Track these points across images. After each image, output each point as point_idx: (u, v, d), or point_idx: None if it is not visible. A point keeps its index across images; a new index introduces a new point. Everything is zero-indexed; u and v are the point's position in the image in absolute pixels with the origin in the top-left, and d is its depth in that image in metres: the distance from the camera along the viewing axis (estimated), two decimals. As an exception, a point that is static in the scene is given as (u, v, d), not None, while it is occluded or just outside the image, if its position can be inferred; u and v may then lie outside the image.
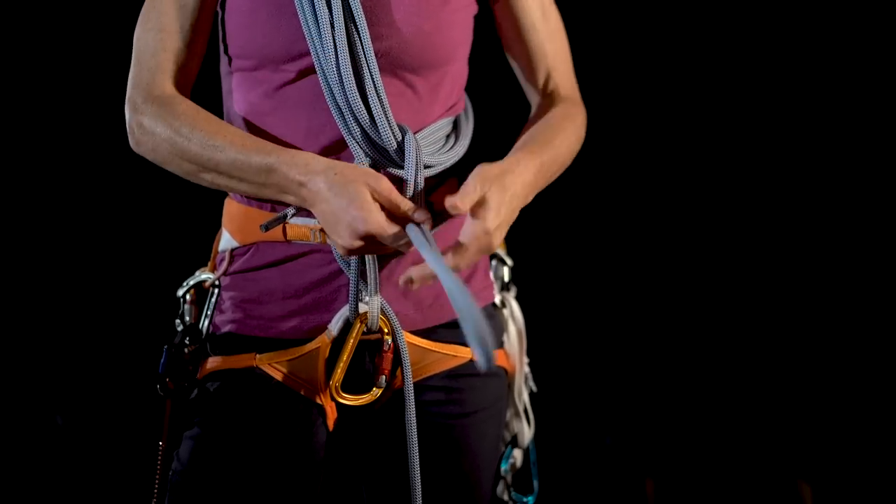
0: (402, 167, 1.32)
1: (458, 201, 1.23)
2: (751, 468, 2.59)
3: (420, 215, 1.27)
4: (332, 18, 1.30)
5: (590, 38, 2.54)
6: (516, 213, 1.33)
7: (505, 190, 1.28)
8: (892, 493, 2.50)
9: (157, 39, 1.38)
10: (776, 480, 2.58)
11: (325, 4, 1.31)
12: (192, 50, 1.40)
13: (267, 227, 1.32)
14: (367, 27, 1.32)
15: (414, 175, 1.31)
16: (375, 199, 1.25)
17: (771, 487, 2.58)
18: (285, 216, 1.33)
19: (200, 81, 1.46)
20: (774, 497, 2.56)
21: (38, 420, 2.43)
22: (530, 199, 1.37)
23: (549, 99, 1.54)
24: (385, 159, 1.33)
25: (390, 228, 1.24)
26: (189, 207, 2.12)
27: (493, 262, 1.62)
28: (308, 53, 1.34)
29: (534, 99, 1.57)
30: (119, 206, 2.48)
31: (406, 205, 1.27)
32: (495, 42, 1.61)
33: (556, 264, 2.64)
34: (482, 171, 1.28)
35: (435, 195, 1.42)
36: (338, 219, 1.24)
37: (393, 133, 1.31)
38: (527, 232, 1.63)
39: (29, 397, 2.44)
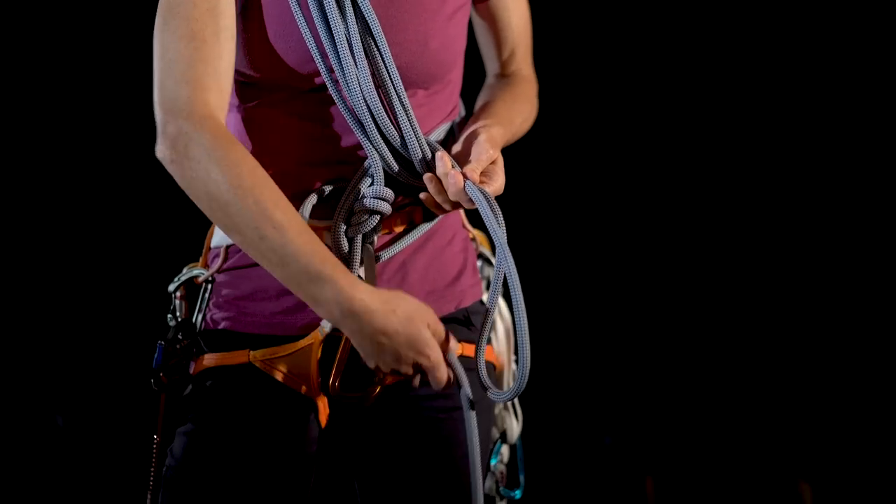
0: (420, 177, 1.34)
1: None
2: (751, 468, 2.59)
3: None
4: (350, 36, 1.30)
5: (587, 36, 2.55)
6: None
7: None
8: (893, 493, 2.50)
9: (190, 48, 1.27)
10: (776, 480, 2.57)
11: (340, 22, 1.30)
12: (229, 58, 1.30)
13: None
14: (387, 45, 1.32)
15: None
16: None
17: (771, 487, 2.57)
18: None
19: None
20: (775, 497, 2.56)
21: (38, 420, 2.44)
22: None
23: (510, 76, 1.63)
24: (406, 171, 1.35)
25: (443, 367, 1.28)
26: (180, 202, 2.13)
27: (480, 262, 1.63)
28: (318, 72, 1.34)
29: (493, 71, 1.65)
30: (118, 205, 2.49)
31: (454, 345, 1.31)
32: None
33: (551, 264, 2.64)
34: (487, 136, 1.35)
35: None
36: (395, 348, 1.24)
37: (421, 147, 1.33)
38: (517, 231, 1.64)
39: (29, 397, 2.45)
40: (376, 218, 1.35)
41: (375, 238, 1.38)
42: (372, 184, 1.35)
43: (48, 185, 2.46)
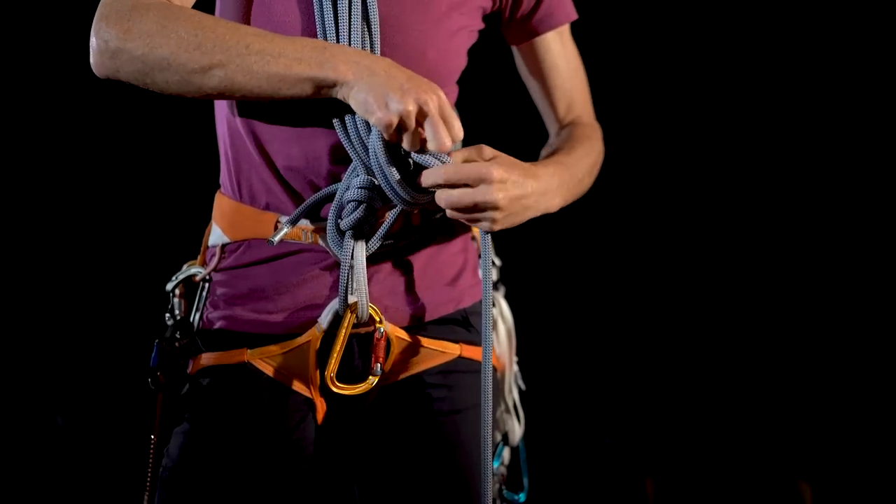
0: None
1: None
2: (751, 468, 2.59)
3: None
4: (350, 34, 1.31)
5: (585, 36, 2.55)
6: (527, 211, 1.34)
7: (529, 176, 1.31)
8: (893, 493, 2.50)
9: None
10: (776, 480, 2.57)
11: (346, 21, 1.31)
12: None
13: (274, 242, 1.34)
14: (379, 33, 1.33)
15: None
16: None
17: (771, 487, 2.57)
18: (288, 223, 1.36)
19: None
20: (775, 497, 2.56)
21: (38, 420, 2.44)
22: (547, 207, 1.37)
23: (570, 125, 1.59)
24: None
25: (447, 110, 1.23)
26: (179, 200, 2.13)
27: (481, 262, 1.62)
28: None
29: (553, 129, 1.62)
30: (116, 204, 2.49)
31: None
32: (488, 58, 1.62)
33: (551, 267, 2.64)
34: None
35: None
36: (405, 78, 1.22)
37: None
38: (515, 231, 1.64)
39: (29, 398, 2.45)
40: (363, 208, 1.33)
41: (376, 237, 1.37)
42: (360, 176, 1.34)
43: (47, 185, 2.47)
